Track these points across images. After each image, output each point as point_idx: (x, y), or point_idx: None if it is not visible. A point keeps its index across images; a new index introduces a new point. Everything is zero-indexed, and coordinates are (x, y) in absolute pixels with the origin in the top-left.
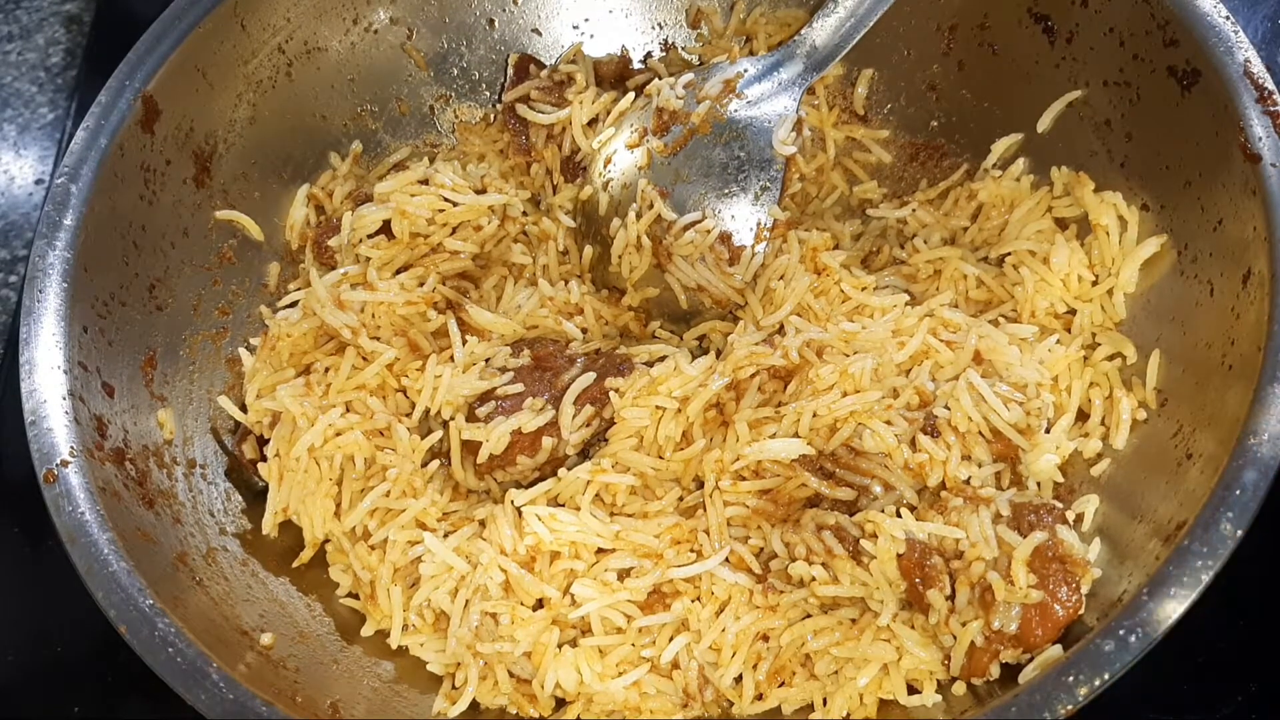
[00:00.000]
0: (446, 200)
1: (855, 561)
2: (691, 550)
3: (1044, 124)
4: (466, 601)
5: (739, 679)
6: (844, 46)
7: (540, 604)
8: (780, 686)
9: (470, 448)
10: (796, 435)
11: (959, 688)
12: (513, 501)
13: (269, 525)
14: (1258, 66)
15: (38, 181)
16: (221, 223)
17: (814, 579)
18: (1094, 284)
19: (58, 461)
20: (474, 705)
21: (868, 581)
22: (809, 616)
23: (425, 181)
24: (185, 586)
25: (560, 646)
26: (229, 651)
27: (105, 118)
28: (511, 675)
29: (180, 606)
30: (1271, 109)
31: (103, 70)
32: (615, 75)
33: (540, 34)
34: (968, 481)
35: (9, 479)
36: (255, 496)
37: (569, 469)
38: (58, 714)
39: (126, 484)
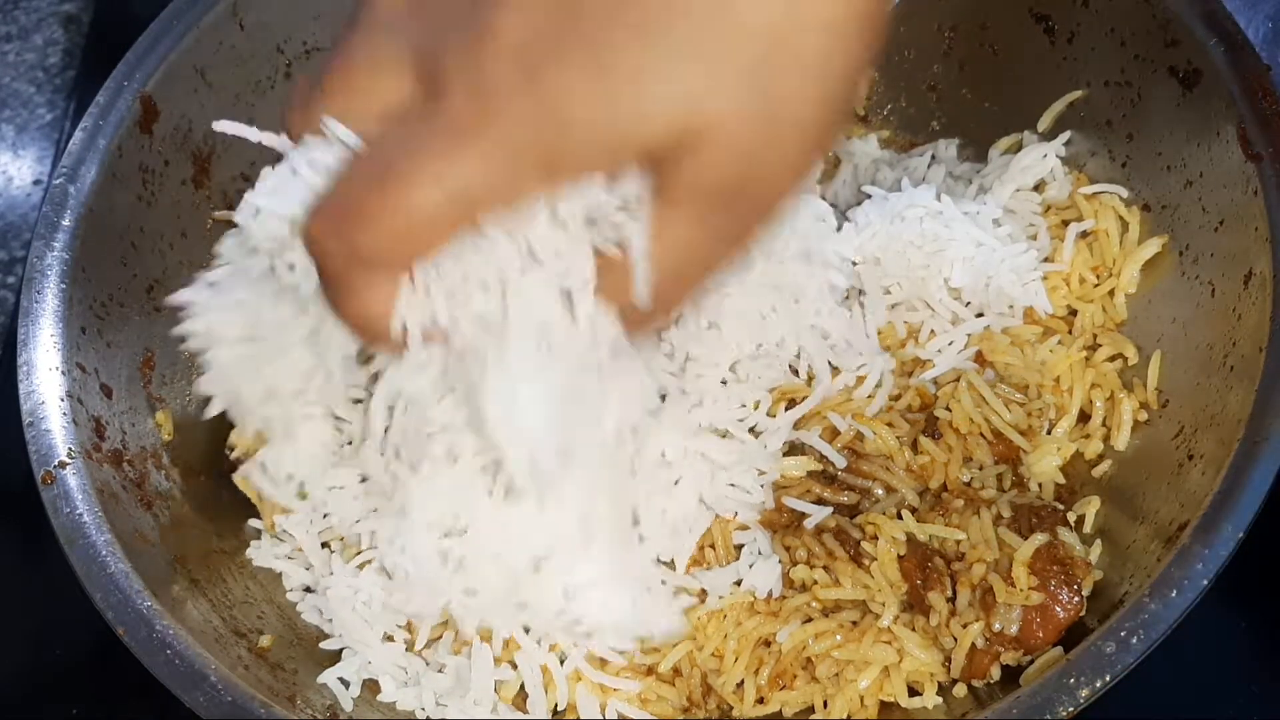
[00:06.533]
0: None
1: (856, 564)
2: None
3: (1044, 124)
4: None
5: (740, 684)
6: None
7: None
8: (781, 690)
9: None
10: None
11: (960, 689)
12: None
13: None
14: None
15: (36, 182)
16: (220, 223)
17: (816, 583)
18: (1095, 285)
19: (55, 463)
20: None
21: (869, 584)
22: (810, 620)
23: None
24: (184, 588)
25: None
26: (227, 653)
27: (103, 118)
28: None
29: (179, 608)
30: (1273, 109)
31: (101, 71)
32: None
33: None
34: (969, 483)
35: (6, 481)
36: None
37: None
38: (56, 716)
39: (125, 485)
